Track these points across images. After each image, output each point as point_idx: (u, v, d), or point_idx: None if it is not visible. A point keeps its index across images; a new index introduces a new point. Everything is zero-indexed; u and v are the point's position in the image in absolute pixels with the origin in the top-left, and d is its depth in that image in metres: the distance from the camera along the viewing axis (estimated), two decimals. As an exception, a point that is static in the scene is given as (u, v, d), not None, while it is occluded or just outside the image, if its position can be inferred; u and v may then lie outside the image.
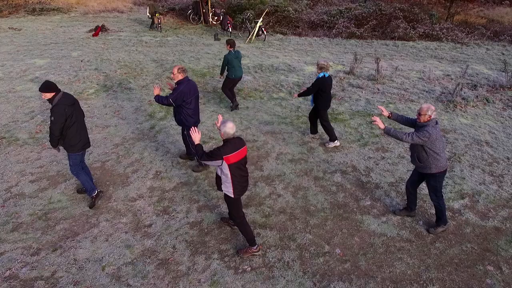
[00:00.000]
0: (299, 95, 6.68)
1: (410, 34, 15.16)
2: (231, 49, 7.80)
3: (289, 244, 4.71)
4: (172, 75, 5.68)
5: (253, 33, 15.07)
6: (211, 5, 18.65)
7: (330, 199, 5.53)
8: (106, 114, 8.29)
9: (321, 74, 6.38)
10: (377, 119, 4.62)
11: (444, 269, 4.36)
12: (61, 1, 23.26)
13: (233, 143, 4.07)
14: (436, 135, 4.38)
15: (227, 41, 7.74)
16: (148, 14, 17.47)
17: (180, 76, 5.66)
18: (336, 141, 6.91)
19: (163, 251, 4.59)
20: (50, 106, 4.88)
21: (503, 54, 13.47)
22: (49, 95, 4.80)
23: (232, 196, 4.26)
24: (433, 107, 4.40)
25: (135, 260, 4.44)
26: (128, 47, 13.90)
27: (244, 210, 5.26)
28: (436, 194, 4.67)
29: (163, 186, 5.82)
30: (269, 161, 6.48)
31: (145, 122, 7.92)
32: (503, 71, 10.81)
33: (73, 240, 4.73)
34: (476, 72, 11.15)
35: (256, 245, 4.49)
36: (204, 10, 18.51)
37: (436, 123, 4.44)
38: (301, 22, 16.76)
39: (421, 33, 15.27)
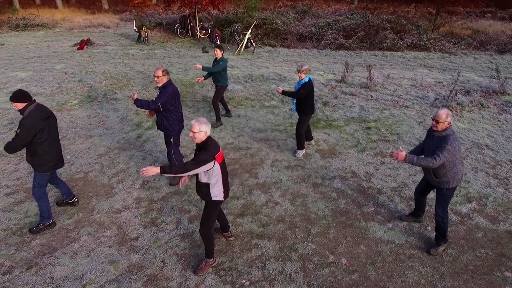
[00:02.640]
0: (284, 93, 6.04)
1: (398, 45, 15.22)
2: (223, 55, 7.53)
3: (290, 254, 4.31)
4: (156, 79, 5.27)
5: (242, 45, 14.92)
6: (198, 19, 18.56)
7: (331, 206, 5.17)
8: (90, 124, 7.86)
9: (307, 78, 6.06)
10: (396, 154, 3.97)
11: (459, 277, 4.01)
12: (46, 17, 22.94)
13: (213, 140, 3.69)
14: (458, 145, 3.91)
15: (218, 46, 7.44)
16: (134, 27, 17.24)
17: (165, 79, 5.31)
18: (304, 149, 6.56)
19: (151, 266, 4.13)
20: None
21: (491, 62, 13.56)
22: (21, 106, 4.25)
23: (223, 199, 3.89)
24: (450, 112, 3.92)
25: (120, 277, 3.97)
26: (114, 60, 13.56)
27: (239, 220, 4.87)
28: (444, 208, 4.25)
29: (151, 196, 5.39)
30: (264, 168, 6.12)
31: (131, 131, 7.51)
32: (494, 78, 10.79)
33: (51, 257, 4.24)
34: (467, 79, 11.11)
35: (213, 257, 4.11)
36: (191, 24, 18.39)
37: (453, 131, 3.99)
38: (289, 34, 16.73)
39: (409, 43, 15.35)
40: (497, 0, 25.79)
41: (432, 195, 5.38)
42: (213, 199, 3.82)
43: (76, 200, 5.17)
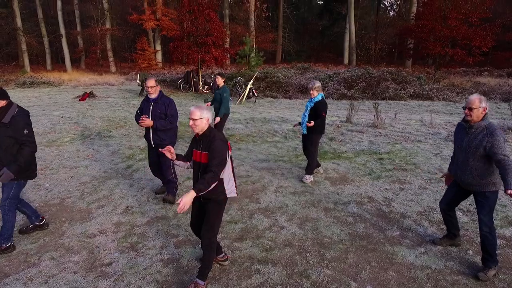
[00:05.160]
0: (315, 123, 5.52)
1: (401, 94, 15.13)
2: (225, 83, 7.22)
3: (301, 281, 3.40)
4: (149, 89, 4.83)
5: (244, 95, 14.86)
6: (201, 75, 18.89)
7: (348, 230, 4.32)
8: (78, 157, 7.25)
9: (320, 96, 5.64)
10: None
11: (523, 307, 3.07)
12: (52, 76, 23.57)
13: (214, 129, 3.23)
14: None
15: (220, 74, 7.16)
16: (138, 81, 17.46)
17: (158, 89, 4.92)
18: (313, 175, 5.90)
19: (123, 294, 3.23)
20: None
21: (498, 108, 13.27)
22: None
23: (236, 194, 3.36)
24: (483, 97, 3.29)
25: (80, 307, 3.06)
26: (114, 108, 13.39)
27: (237, 244, 4.02)
28: (490, 215, 3.48)
29: (134, 221, 4.58)
30: (267, 194, 5.35)
31: (121, 163, 6.87)
32: (505, 119, 10.36)
33: (-2, 284, 3.36)
34: (477, 120, 10.66)
35: (205, 282, 3.26)
36: (195, 80, 18.68)
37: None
38: (290, 86, 16.81)
39: (411, 93, 15.26)
40: (492, 60, 26.62)
41: (465, 219, 4.56)
42: (228, 195, 3.26)
43: (46, 222, 4.37)
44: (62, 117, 11.31)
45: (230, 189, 3.27)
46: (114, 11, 34.21)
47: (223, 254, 3.64)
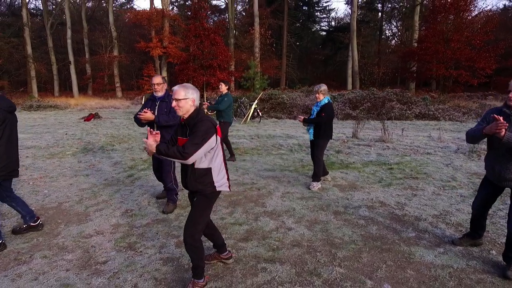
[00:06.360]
0: (306, 121, 5.58)
1: (406, 114, 15.01)
2: (228, 90, 7.14)
3: (311, 279, 3.12)
4: (156, 87, 4.68)
5: (249, 115, 14.83)
6: (206, 98, 19.01)
7: (360, 232, 4.06)
8: (79, 167, 7.09)
9: (326, 99, 5.53)
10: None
11: (560, 305, 2.76)
12: (59, 100, 23.85)
13: (204, 114, 2.91)
14: None
15: (223, 81, 7.11)
16: (143, 103, 17.55)
17: (165, 87, 4.78)
18: (320, 182, 5.67)
19: (118, 290, 2.96)
20: None
21: (506, 126, 13.07)
22: None
23: (228, 189, 3.03)
24: None
25: (70, 303, 2.80)
26: (119, 127, 13.39)
27: (242, 244, 3.76)
28: None
29: (133, 223, 4.34)
30: (273, 199, 5.12)
31: (122, 172, 6.69)
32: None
33: (-17, 280, 3.11)
34: (486, 136, 10.45)
35: (203, 278, 2.98)
36: (200, 101, 18.78)
37: None
38: (295, 107, 16.80)
39: (417, 113, 15.15)
40: (495, 85, 26.69)
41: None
42: (217, 189, 2.91)
43: (40, 223, 4.16)
44: (66, 133, 11.26)
45: (220, 182, 2.92)
46: (122, 39, 35.16)
47: (227, 252, 3.39)
